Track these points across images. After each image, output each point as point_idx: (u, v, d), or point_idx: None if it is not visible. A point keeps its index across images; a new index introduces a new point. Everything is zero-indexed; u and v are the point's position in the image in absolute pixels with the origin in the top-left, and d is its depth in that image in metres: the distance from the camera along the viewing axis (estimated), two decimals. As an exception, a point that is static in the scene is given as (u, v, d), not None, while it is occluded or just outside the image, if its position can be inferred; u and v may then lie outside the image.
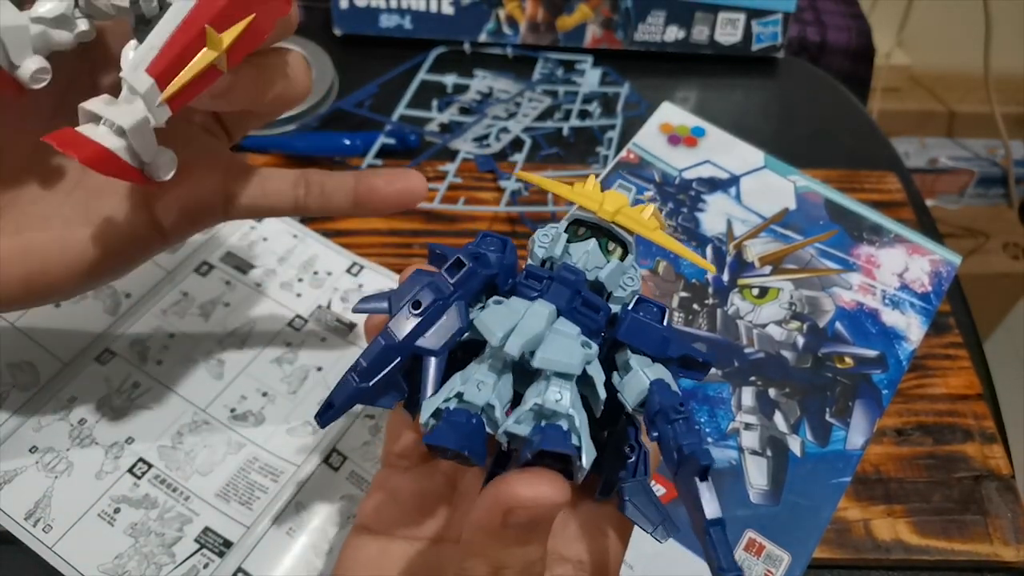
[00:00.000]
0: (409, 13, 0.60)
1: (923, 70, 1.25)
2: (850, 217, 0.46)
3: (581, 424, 0.21)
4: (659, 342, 0.23)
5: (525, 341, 0.21)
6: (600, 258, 0.25)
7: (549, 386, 0.21)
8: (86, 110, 0.25)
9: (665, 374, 0.23)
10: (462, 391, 0.22)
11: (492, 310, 0.23)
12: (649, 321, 0.23)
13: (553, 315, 0.23)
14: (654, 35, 0.61)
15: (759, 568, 0.34)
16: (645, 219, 0.25)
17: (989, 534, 0.39)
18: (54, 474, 0.37)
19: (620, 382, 0.23)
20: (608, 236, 0.25)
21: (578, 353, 0.22)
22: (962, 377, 0.44)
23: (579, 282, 0.24)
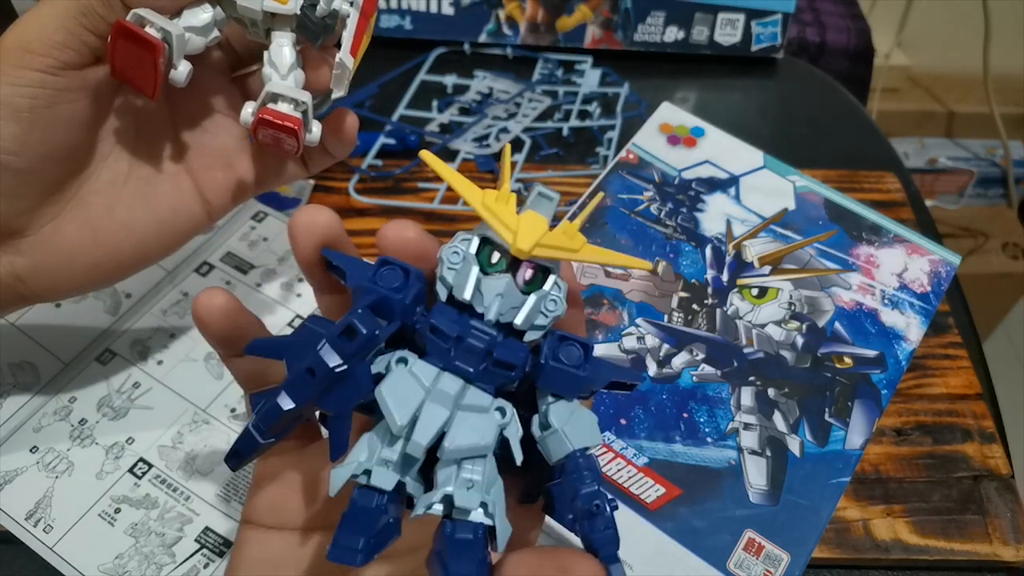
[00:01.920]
0: (409, 14, 0.60)
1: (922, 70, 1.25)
2: (849, 217, 0.46)
3: (495, 502, 0.21)
4: (580, 387, 0.22)
5: (431, 436, 0.20)
6: (516, 297, 0.22)
7: (461, 472, 0.21)
8: (271, 92, 0.30)
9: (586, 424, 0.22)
10: (370, 470, 0.21)
11: (394, 382, 0.21)
12: (570, 369, 0.22)
13: (460, 391, 0.21)
14: (654, 35, 0.61)
15: (758, 568, 0.34)
16: (568, 242, 0.22)
17: (988, 534, 0.39)
18: (55, 474, 0.37)
19: (540, 437, 0.22)
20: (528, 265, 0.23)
21: (491, 428, 0.21)
22: (961, 377, 0.44)
23: (491, 343, 0.22)
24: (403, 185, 0.52)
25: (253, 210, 0.48)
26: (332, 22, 0.31)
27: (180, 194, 0.34)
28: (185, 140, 0.34)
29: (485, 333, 0.22)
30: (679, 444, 0.37)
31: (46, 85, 0.28)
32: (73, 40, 0.28)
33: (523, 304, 0.22)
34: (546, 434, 0.22)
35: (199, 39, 0.30)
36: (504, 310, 0.22)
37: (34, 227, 0.31)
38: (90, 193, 0.32)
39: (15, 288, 0.31)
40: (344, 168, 0.53)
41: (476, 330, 0.22)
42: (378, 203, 0.51)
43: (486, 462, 0.21)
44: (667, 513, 0.35)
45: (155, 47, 0.28)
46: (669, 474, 0.36)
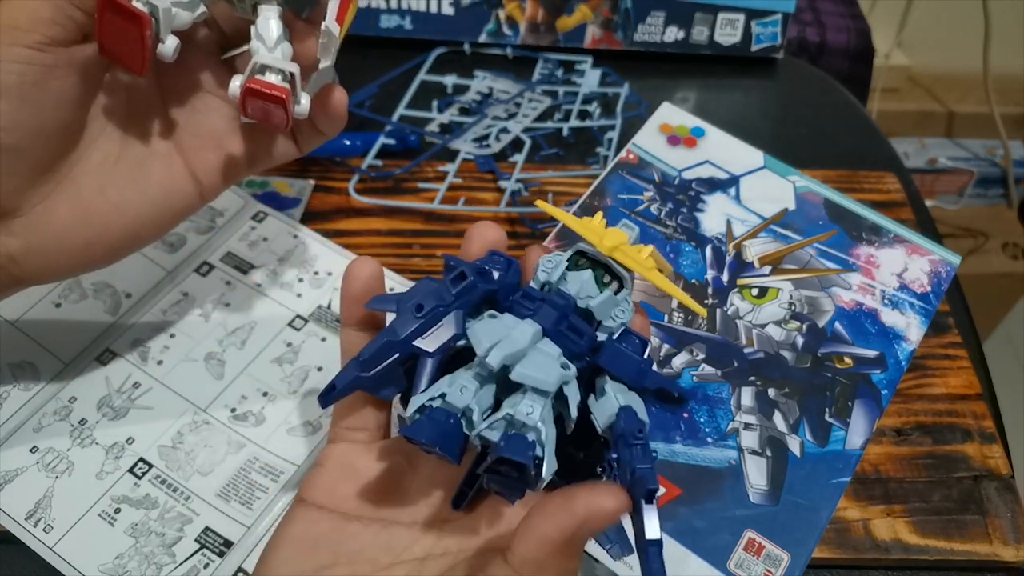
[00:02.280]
0: (409, 14, 0.60)
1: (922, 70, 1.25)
2: (849, 217, 0.46)
3: (547, 438, 0.23)
4: (636, 372, 0.25)
5: (507, 354, 0.23)
6: (593, 288, 0.26)
7: (524, 399, 0.23)
8: (260, 64, 0.30)
9: (636, 402, 0.24)
10: (446, 392, 0.24)
11: (485, 323, 0.24)
12: (629, 352, 0.25)
13: (539, 335, 0.24)
14: (654, 35, 0.61)
15: (759, 568, 0.34)
16: (642, 258, 0.26)
17: (988, 534, 0.39)
18: (55, 474, 0.37)
19: (594, 404, 0.25)
20: (606, 270, 0.27)
21: (555, 372, 0.23)
22: (961, 377, 0.44)
23: (568, 307, 0.25)
24: (403, 185, 0.52)
25: (253, 210, 0.48)
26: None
27: (171, 174, 0.34)
28: (175, 120, 0.34)
29: (565, 299, 0.26)
30: (679, 444, 0.37)
31: (34, 61, 0.28)
32: (60, 16, 0.28)
33: (598, 296, 0.26)
34: (599, 400, 0.24)
35: (186, 14, 0.30)
36: (583, 294, 0.26)
37: (26, 207, 0.31)
38: (81, 174, 0.32)
39: (8, 269, 0.32)
40: (344, 168, 0.53)
41: (560, 297, 0.26)
42: (378, 203, 0.51)
43: (545, 402, 0.23)
44: (667, 513, 0.35)
45: (141, 19, 0.28)
46: (669, 474, 0.36)
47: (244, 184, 0.50)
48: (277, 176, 0.52)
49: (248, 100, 0.30)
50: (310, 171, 0.53)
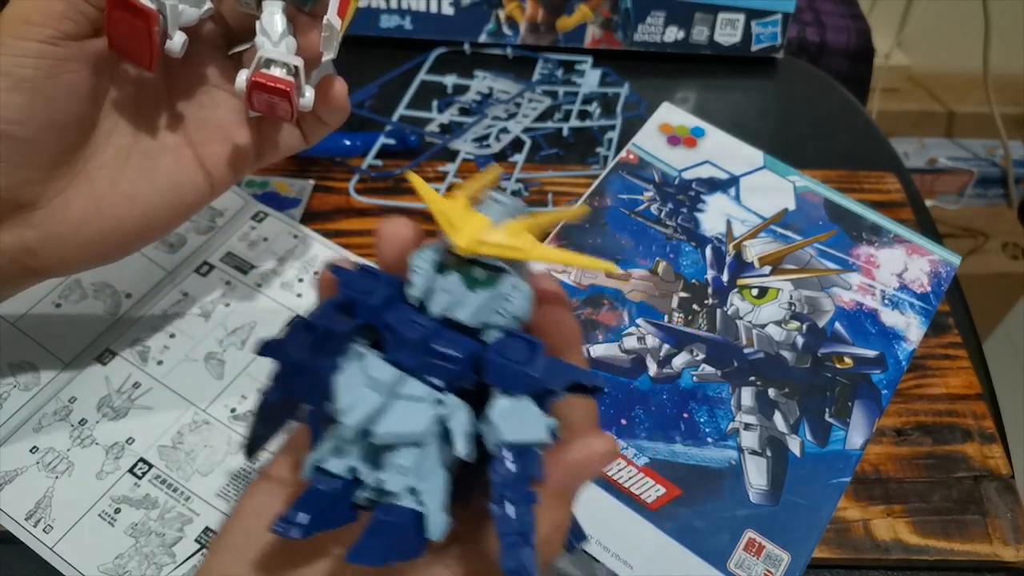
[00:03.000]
0: (409, 14, 0.60)
1: (922, 70, 1.25)
2: (849, 217, 0.46)
3: (429, 492, 0.21)
4: (525, 383, 0.21)
5: (362, 418, 0.21)
6: (463, 293, 0.22)
7: (396, 458, 0.21)
8: (265, 58, 0.31)
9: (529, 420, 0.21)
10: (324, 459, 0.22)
11: (348, 372, 0.22)
12: (512, 361, 0.21)
13: (397, 380, 0.21)
14: (654, 35, 0.61)
15: (759, 568, 0.34)
16: (516, 240, 0.22)
17: (989, 534, 0.39)
18: (55, 474, 0.37)
19: (483, 431, 0.22)
20: (477, 264, 0.23)
21: (424, 416, 0.21)
22: (961, 377, 0.44)
23: (427, 336, 0.22)
24: (403, 185, 0.52)
25: (253, 210, 0.48)
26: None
27: (182, 167, 0.34)
28: (184, 114, 0.35)
29: (421, 326, 0.22)
30: (679, 444, 0.37)
31: (46, 55, 0.29)
32: (71, 11, 0.29)
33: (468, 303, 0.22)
34: (484, 428, 0.21)
35: (192, 10, 0.30)
36: (450, 306, 0.22)
37: (43, 200, 0.32)
38: (96, 167, 0.33)
39: (24, 262, 0.32)
40: (344, 168, 0.53)
41: (416, 324, 0.22)
42: (378, 203, 0.51)
43: (422, 451, 0.21)
44: (667, 513, 0.35)
45: (149, 16, 0.28)
46: (669, 474, 0.36)
47: (244, 184, 0.50)
48: (277, 176, 0.52)
49: (254, 93, 0.31)
50: (310, 171, 0.53)
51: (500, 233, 0.22)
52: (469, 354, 0.22)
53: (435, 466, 0.22)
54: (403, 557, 0.21)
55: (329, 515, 0.21)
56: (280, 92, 0.30)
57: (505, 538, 0.20)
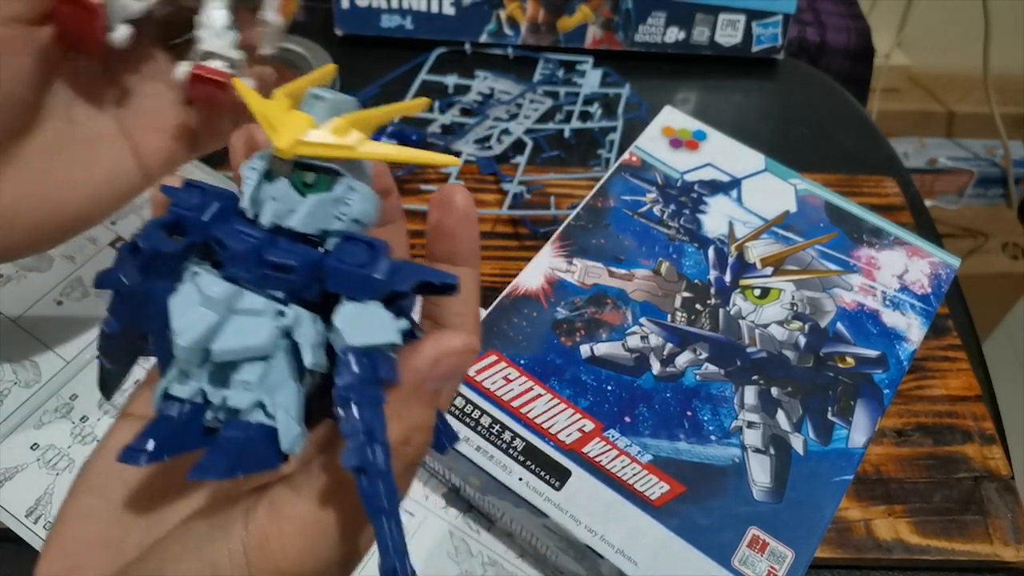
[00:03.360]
0: (410, 13, 0.60)
1: (922, 70, 1.25)
2: (850, 220, 0.46)
3: (279, 405, 0.20)
4: (368, 287, 0.20)
5: (198, 336, 0.20)
6: (292, 199, 0.21)
7: (240, 374, 0.20)
8: (204, 51, 0.32)
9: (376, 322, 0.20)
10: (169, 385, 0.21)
11: (183, 293, 0.20)
12: (351, 264, 0.20)
13: (231, 295, 0.20)
14: (654, 36, 0.61)
15: (763, 565, 0.34)
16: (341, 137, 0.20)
17: (989, 534, 0.39)
18: (55, 471, 0.37)
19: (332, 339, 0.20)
20: (306, 167, 0.21)
21: (265, 329, 0.20)
22: (961, 379, 0.45)
23: (258, 247, 0.20)
24: (404, 187, 0.52)
25: (255, 209, 0.48)
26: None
27: (117, 156, 0.34)
28: (122, 104, 0.35)
29: (252, 237, 0.21)
30: (683, 442, 0.37)
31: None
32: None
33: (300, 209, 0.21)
34: (332, 334, 0.20)
35: (136, 4, 0.31)
36: (280, 214, 0.21)
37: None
38: (31, 153, 0.32)
39: None
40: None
41: (245, 235, 0.21)
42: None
43: (267, 365, 0.20)
44: (671, 510, 0.35)
45: (93, 9, 0.29)
46: (673, 471, 0.36)
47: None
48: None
49: (194, 85, 0.31)
50: (312, 170, 0.53)
51: (323, 132, 0.20)
52: (308, 263, 0.20)
53: (284, 379, 0.20)
54: (252, 469, 0.20)
55: (177, 439, 0.20)
56: (219, 85, 0.31)
57: (350, 439, 0.19)
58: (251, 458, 0.20)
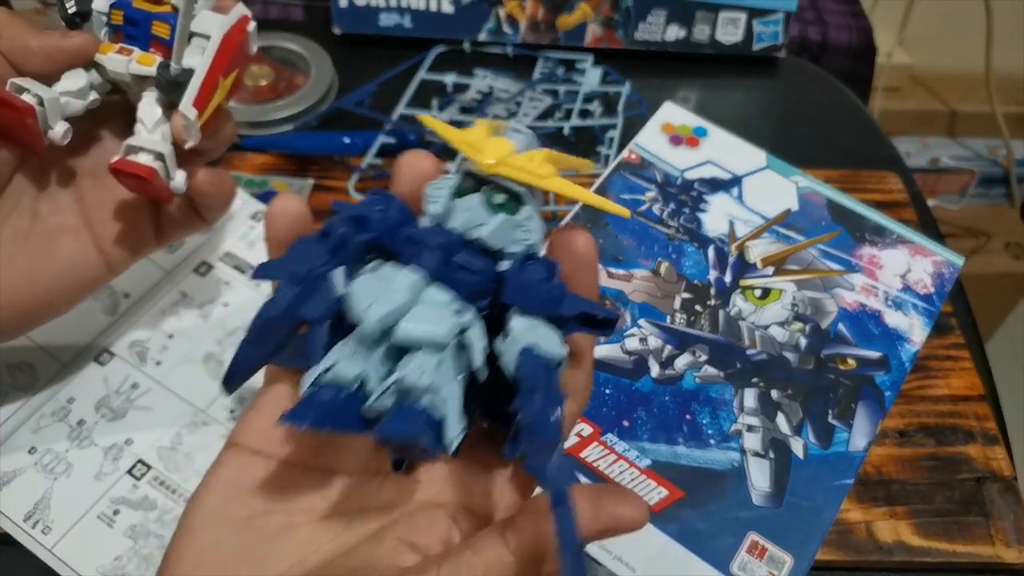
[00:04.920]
0: (409, 12, 0.60)
1: (924, 69, 1.24)
2: (852, 218, 0.46)
3: (447, 397, 0.21)
4: (545, 301, 0.21)
5: (385, 313, 0.21)
6: (482, 215, 0.22)
7: (414, 359, 0.21)
8: (129, 145, 0.33)
9: (548, 337, 0.21)
10: (336, 363, 0.21)
11: (364, 279, 0.22)
12: (532, 279, 0.22)
13: (421, 283, 0.22)
14: (655, 34, 0.61)
15: (762, 570, 0.33)
16: (534, 166, 0.22)
17: (991, 536, 0.39)
18: (53, 475, 0.37)
19: (500, 346, 0.21)
20: (498, 188, 0.23)
21: (446, 322, 0.21)
22: (964, 378, 0.44)
23: (450, 244, 0.22)
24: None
25: (252, 209, 0.48)
26: (186, 79, 0.33)
27: (80, 248, 0.35)
28: (86, 196, 0.36)
29: (445, 235, 0.22)
30: (682, 446, 0.37)
31: None
32: None
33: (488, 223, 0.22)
34: (505, 342, 0.21)
35: (77, 102, 0.32)
36: (470, 225, 0.22)
37: None
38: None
39: None
40: (343, 167, 0.53)
41: (439, 234, 0.22)
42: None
43: (440, 358, 0.21)
44: (670, 515, 0.35)
45: (24, 111, 0.30)
46: (672, 476, 0.36)
47: (243, 183, 0.50)
48: (276, 176, 0.52)
49: (120, 177, 0.33)
50: (309, 170, 0.52)
51: (523, 158, 0.22)
52: (489, 271, 0.22)
53: (451, 377, 0.21)
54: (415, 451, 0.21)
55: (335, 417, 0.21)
56: (139, 177, 0.32)
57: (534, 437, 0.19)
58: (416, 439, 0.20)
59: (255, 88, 0.56)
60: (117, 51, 0.32)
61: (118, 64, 0.32)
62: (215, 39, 0.33)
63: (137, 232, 0.36)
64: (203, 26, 0.33)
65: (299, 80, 0.57)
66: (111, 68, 0.32)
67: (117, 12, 0.32)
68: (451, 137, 0.23)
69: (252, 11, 0.35)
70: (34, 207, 0.35)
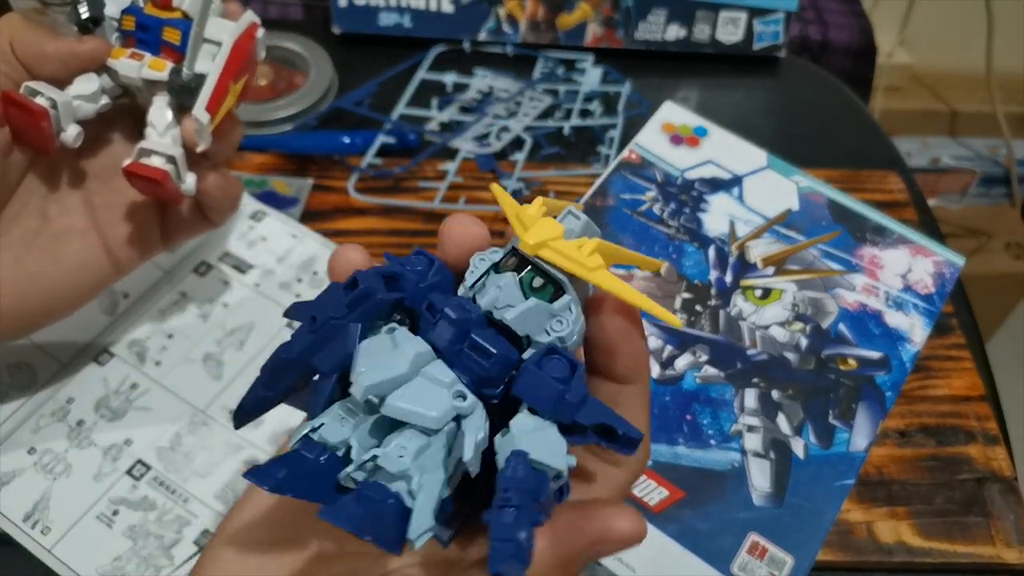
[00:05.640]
0: (408, 11, 0.60)
1: (925, 69, 1.24)
2: (853, 218, 0.45)
3: (422, 487, 0.19)
4: (553, 402, 0.20)
5: (374, 383, 0.19)
6: (515, 295, 0.21)
7: (398, 438, 0.19)
8: (142, 148, 0.33)
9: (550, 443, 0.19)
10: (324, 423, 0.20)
11: (375, 340, 0.21)
12: (547, 376, 0.20)
13: (425, 356, 0.20)
14: (655, 34, 0.61)
15: (762, 571, 0.33)
16: (581, 255, 0.21)
17: (992, 536, 0.39)
18: (52, 476, 0.37)
19: (499, 443, 0.20)
20: (539, 272, 0.21)
21: (442, 404, 0.19)
22: (964, 379, 0.44)
23: (469, 320, 0.20)
24: (403, 184, 0.52)
25: (252, 209, 0.48)
26: (198, 84, 0.33)
27: (88, 249, 0.35)
28: (95, 198, 0.36)
29: (467, 309, 0.21)
30: (682, 446, 0.36)
31: None
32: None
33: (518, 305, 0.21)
34: (503, 438, 0.20)
35: (89, 105, 0.33)
36: (498, 302, 0.21)
37: None
38: (3, 247, 0.33)
39: None
40: (343, 167, 0.53)
41: (462, 307, 0.21)
42: (378, 202, 0.50)
43: (427, 443, 0.19)
44: (670, 515, 0.34)
45: (38, 114, 0.31)
46: (672, 476, 0.36)
47: (242, 183, 0.50)
48: (275, 175, 0.52)
49: (132, 181, 0.33)
50: (308, 170, 0.52)
51: (570, 245, 0.21)
52: (506, 358, 0.20)
53: (436, 465, 0.20)
54: (376, 539, 0.19)
55: (307, 483, 0.20)
56: (151, 180, 0.33)
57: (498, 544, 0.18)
58: (379, 528, 0.19)
59: (255, 88, 0.55)
60: (129, 56, 0.33)
61: (130, 69, 0.32)
62: (226, 45, 0.33)
63: (145, 234, 0.37)
64: (214, 32, 0.33)
65: (298, 80, 0.57)
66: (123, 72, 0.33)
67: (128, 18, 0.33)
68: (507, 209, 0.22)
69: (251, 10, 0.35)
70: (43, 208, 0.35)
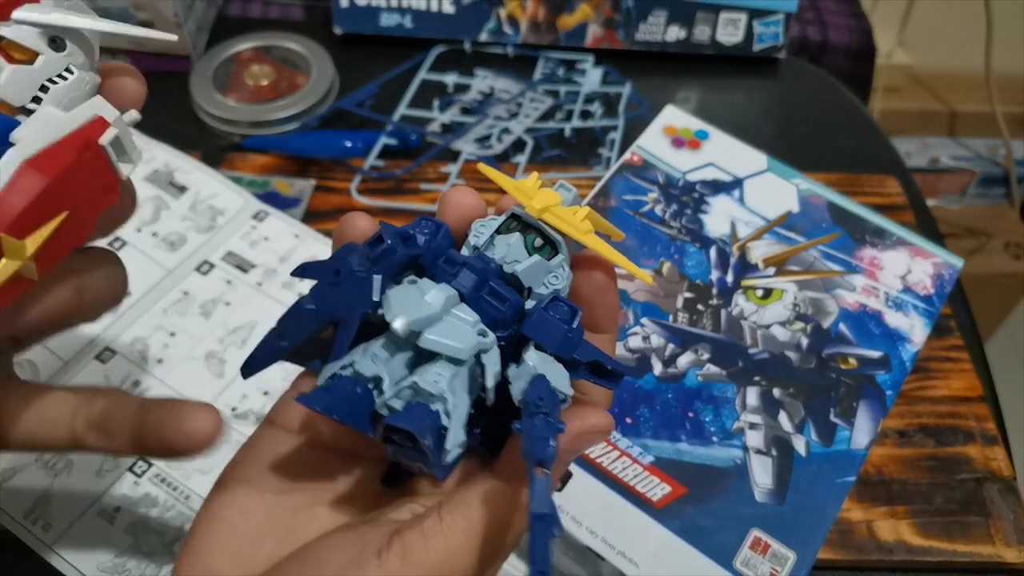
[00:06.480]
0: (409, 12, 0.60)
1: (924, 69, 1.24)
2: (853, 220, 0.46)
3: (455, 408, 0.22)
4: (562, 341, 0.23)
5: (415, 319, 0.22)
6: (521, 252, 0.24)
7: (433, 367, 0.22)
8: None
9: (557, 373, 0.22)
10: (356, 360, 0.23)
11: (401, 288, 0.23)
12: (554, 319, 0.23)
13: (454, 300, 0.23)
14: (655, 35, 0.61)
15: (765, 566, 0.34)
16: (577, 220, 0.24)
17: (991, 535, 0.39)
18: (54, 472, 0.37)
19: (512, 373, 0.23)
20: (539, 234, 0.25)
21: (469, 339, 0.22)
22: (963, 379, 0.44)
23: (488, 271, 0.24)
24: (405, 186, 0.52)
25: (254, 209, 0.48)
26: None
27: None
28: None
29: (487, 260, 0.24)
30: (685, 443, 0.37)
31: None
32: None
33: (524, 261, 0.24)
34: (518, 368, 0.22)
35: None
36: (508, 258, 0.24)
37: None
38: None
39: None
40: (345, 168, 0.53)
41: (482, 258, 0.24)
42: (380, 204, 0.51)
43: (457, 371, 0.22)
44: (673, 511, 0.35)
45: None
46: (675, 473, 0.36)
47: (244, 184, 0.50)
48: (277, 176, 0.52)
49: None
50: (310, 171, 0.52)
51: (567, 211, 0.24)
52: (517, 304, 0.24)
53: (463, 391, 0.22)
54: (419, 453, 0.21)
55: (348, 409, 0.22)
56: None
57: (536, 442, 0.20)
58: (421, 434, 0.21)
59: (256, 88, 0.56)
60: None
61: None
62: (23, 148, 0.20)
63: None
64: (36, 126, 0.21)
65: (300, 80, 0.57)
66: None
67: None
68: (506, 184, 0.25)
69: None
70: None
